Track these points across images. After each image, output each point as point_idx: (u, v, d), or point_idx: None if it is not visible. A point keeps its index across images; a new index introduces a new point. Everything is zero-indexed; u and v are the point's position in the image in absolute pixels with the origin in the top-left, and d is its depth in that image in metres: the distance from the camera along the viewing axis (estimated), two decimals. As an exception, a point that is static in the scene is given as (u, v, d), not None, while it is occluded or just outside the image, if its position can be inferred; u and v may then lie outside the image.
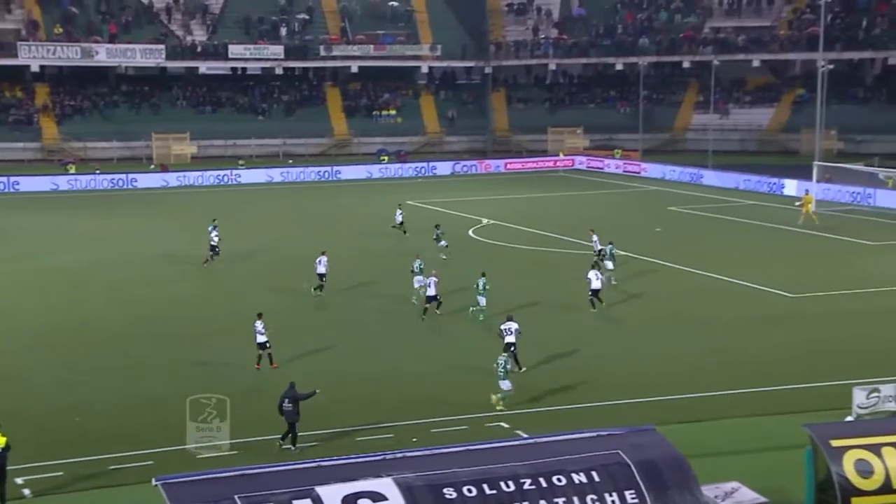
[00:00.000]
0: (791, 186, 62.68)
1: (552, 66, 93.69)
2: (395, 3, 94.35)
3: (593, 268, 35.17)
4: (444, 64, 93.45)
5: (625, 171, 77.22)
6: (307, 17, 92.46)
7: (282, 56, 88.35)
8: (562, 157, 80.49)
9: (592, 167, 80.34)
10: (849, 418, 23.04)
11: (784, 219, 53.25)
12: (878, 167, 56.96)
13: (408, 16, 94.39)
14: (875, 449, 16.74)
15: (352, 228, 52.16)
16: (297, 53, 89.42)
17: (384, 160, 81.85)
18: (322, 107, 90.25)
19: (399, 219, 48.38)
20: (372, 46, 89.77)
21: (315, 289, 36.37)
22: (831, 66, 67.44)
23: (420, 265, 35.83)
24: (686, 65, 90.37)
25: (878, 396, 23.48)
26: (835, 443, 16.99)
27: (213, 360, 29.34)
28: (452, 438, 21.25)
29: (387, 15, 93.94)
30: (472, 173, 78.42)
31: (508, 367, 25.23)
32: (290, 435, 22.37)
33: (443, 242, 43.28)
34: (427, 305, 33.33)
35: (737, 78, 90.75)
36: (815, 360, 28.78)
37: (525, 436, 20.95)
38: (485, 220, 53.44)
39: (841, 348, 29.83)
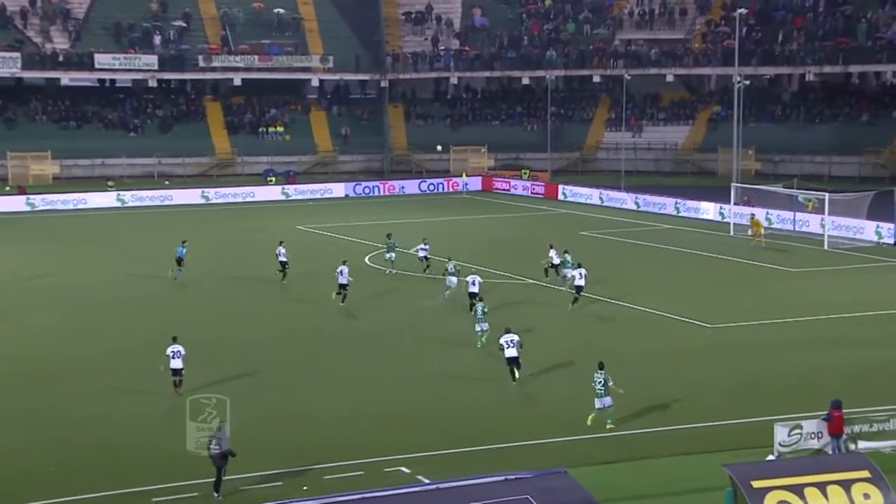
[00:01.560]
0: (708, 209, 64.23)
1: (453, 80, 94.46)
2: (282, 11, 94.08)
3: (576, 268, 40.41)
4: (337, 77, 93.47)
5: (532, 193, 78.17)
6: (184, 24, 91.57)
7: (155, 67, 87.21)
8: (464, 178, 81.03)
9: (498, 189, 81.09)
10: (770, 457, 23.58)
11: (701, 244, 54.47)
12: (797, 189, 58.72)
13: (295, 24, 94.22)
14: (798, 490, 17.14)
15: (235, 253, 51.75)
16: (173, 64, 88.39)
17: (271, 181, 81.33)
18: (201, 123, 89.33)
19: (422, 253, 46.52)
20: (256, 57, 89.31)
21: (337, 294, 40.02)
22: (747, 82, 69.60)
23: (455, 266, 40.52)
24: (596, 79, 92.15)
25: (800, 433, 24.08)
26: (756, 484, 17.33)
27: (74, 403, 28.63)
28: (347, 486, 21.13)
29: (272, 23, 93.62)
30: (372, 195, 78.56)
31: (610, 383, 26.21)
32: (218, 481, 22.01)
33: (391, 255, 45.83)
34: (472, 301, 37.34)
35: (650, 93, 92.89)
36: (735, 394, 29.41)
37: (427, 481, 20.93)
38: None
39: (762, 382, 30.53)
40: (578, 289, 39.50)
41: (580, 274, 39.67)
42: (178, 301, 41.81)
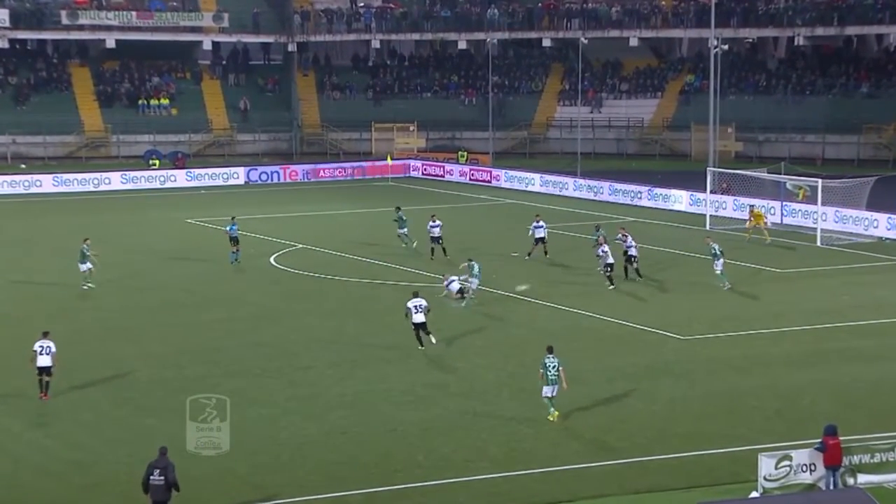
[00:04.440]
0: (680, 198, 64.66)
1: (376, 44, 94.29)
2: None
3: (601, 244, 44.58)
4: (234, 38, 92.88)
5: (471, 180, 78.20)
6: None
7: (7, 23, 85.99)
8: (389, 162, 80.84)
9: (430, 174, 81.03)
10: (754, 494, 23.68)
11: (672, 240, 54.80)
12: (786, 174, 59.30)
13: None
14: (786, 532, 17.21)
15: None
16: (30, 21, 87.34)
17: (155, 165, 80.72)
18: (66, 93, 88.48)
19: (541, 233, 49.42)
20: (135, 13, 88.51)
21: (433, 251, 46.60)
22: (725, 47, 70.15)
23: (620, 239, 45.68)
24: (547, 43, 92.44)
25: (789, 465, 24.20)
26: (736, 526, 17.40)
27: None
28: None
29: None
30: (277, 182, 78.22)
31: (561, 368, 28.69)
32: None
33: (404, 230, 50.05)
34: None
35: (611, 60, 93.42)
36: (711, 419, 29.52)
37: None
38: (298, 245, 53.44)
39: (743, 404, 30.69)
40: (633, 258, 45.07)
41: (602, 251, 44.34)
42: (32, 314, 41.05)
